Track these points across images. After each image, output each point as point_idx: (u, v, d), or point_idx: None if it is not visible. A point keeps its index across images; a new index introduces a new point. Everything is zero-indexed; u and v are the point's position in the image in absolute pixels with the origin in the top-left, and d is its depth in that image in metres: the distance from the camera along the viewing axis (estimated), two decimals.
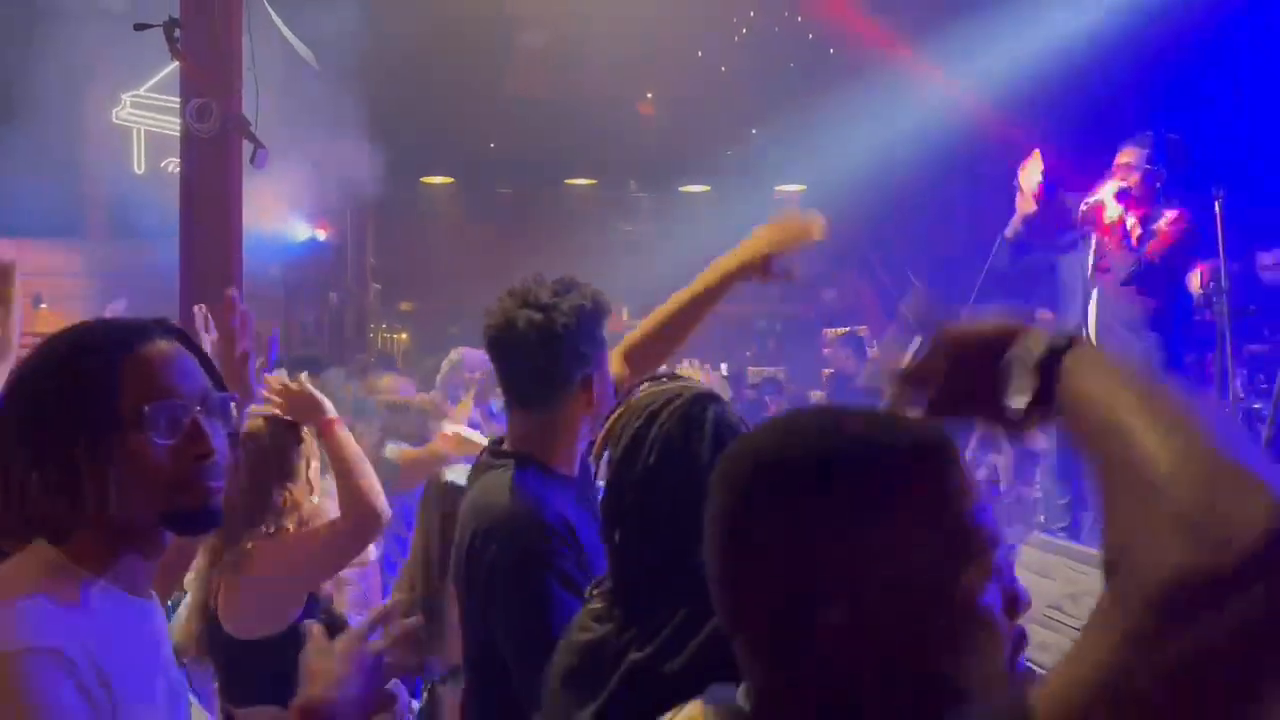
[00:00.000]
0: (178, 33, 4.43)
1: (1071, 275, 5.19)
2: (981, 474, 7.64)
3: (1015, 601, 0.82)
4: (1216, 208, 5.26)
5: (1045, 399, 0.82)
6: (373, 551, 2.90)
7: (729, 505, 0.85)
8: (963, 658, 0.79)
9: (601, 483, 1.47)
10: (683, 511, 1.33)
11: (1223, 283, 5.17)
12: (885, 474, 0.80)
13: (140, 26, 4.54)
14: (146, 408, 1.16)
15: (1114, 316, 4.86)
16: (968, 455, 0.88)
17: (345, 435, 2.26)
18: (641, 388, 1.47)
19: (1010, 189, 5.34)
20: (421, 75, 8.89)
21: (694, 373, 3.08)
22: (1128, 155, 4.89)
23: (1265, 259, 6.41)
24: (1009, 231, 5.29)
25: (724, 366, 7.64)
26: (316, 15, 7.77)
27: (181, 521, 1.22)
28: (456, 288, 10.07)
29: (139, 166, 9.49)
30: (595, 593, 1.44)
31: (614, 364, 1.99)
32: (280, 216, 9.45)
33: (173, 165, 9.43)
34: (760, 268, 2.09)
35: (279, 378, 2.26)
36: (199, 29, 4.56)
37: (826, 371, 7.20)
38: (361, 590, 3.07)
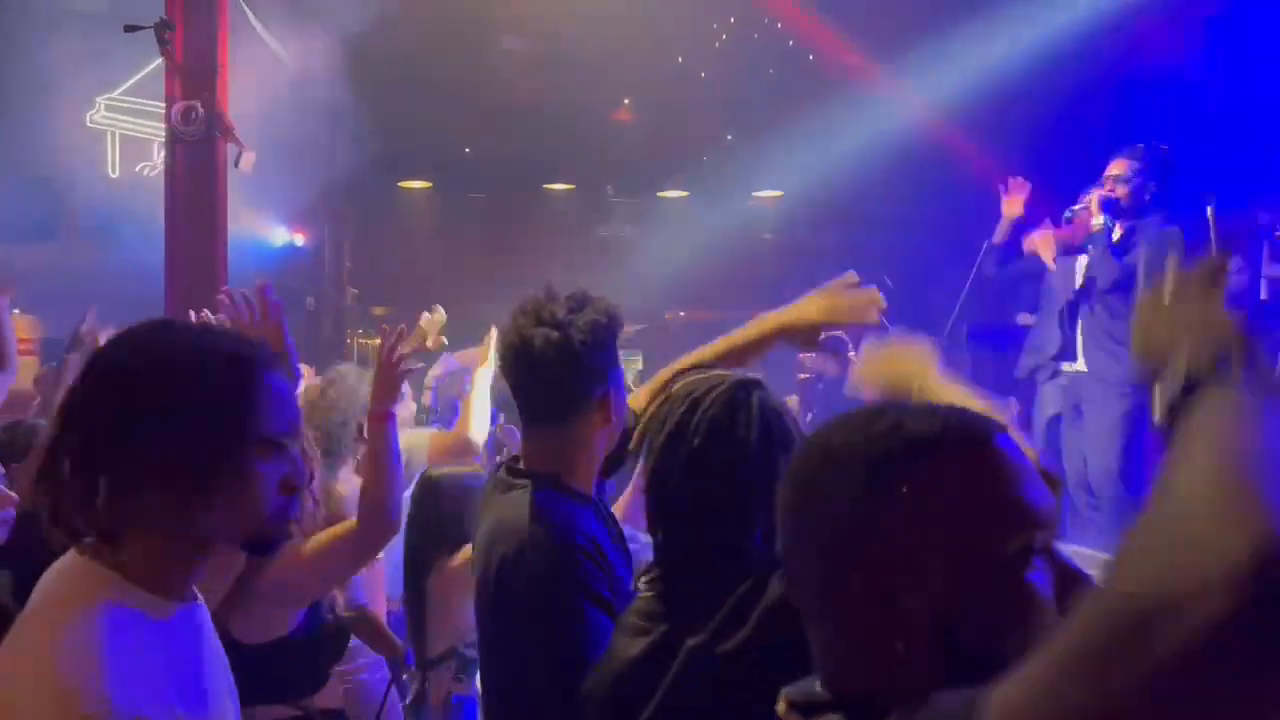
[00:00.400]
0: (168, 35, 4.43)
1: (1059, 282, 5.22)
2: None
3: (1069, 580, 0.85)
4: (1209, 215, 5.30)
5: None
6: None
7: (799, 501, 0.90)
8: (1005, 630, 0.81)
9: (638, 478, 1.47)
10: (730, 494, 1.39)
11: None
12: (922, 458, 0.85)
13: (131, 28, 4.53)
14: (272, 434, 1.16)
15: (1100, 325, 4.89)
16: None
17: (394, 431, 2.18)
18: (678, 381, 1.48)
19: (988, 196, 5.38)
20: (400, 80, 8.86)
21: None
22: (1118, 167, 4.94)
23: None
24: (996, 237, 5.33)
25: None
26: (295, 19, 7.74)
27: (259, 548, 1.21)
28: (434, 292, 10.00)
29: (113, 170, 9.42)
30: (642, 583, 1.44)
31: (643, 399, 1.95)
32: (258, 221, 9.40)
33: (149, 169, 9.38)
34: (807, 336, 2.07)
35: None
36: (183, 31, 4.56)
37: (802, 376, 7.23)
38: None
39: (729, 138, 10.46)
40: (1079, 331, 5.04)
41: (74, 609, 1.08)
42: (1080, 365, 5.05)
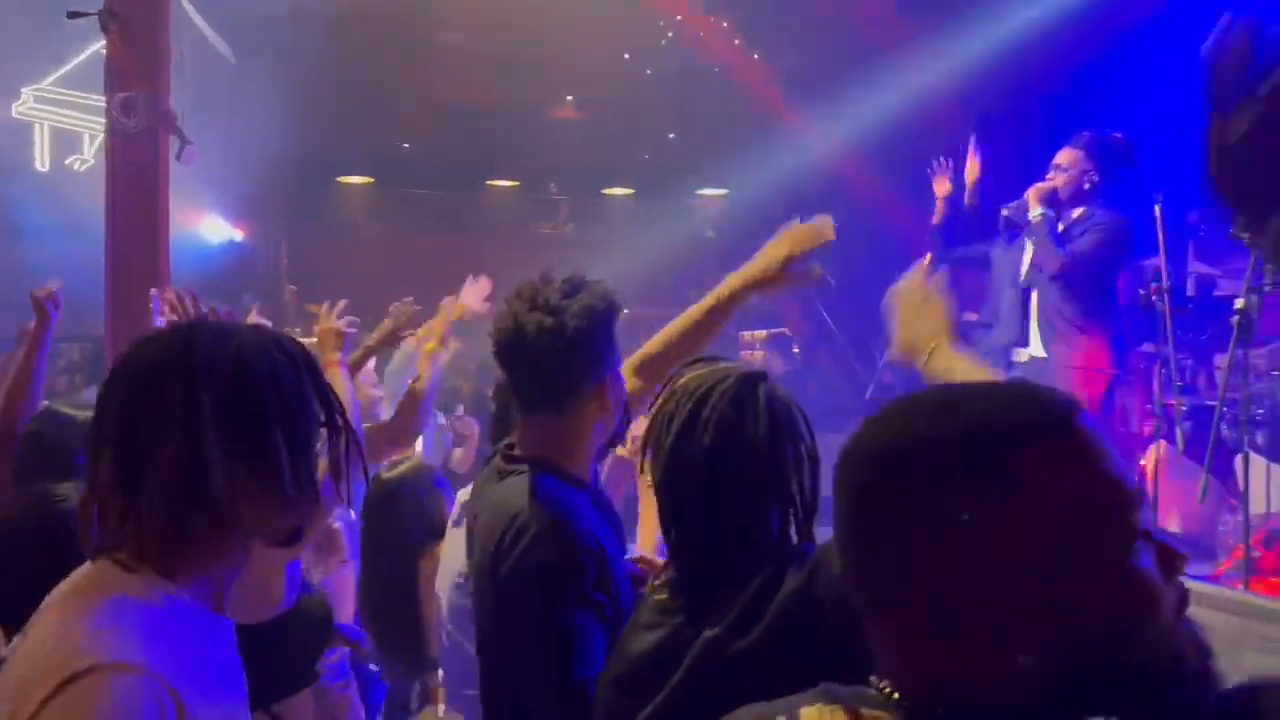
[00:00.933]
0: (111, 23, 4.31)
1: (1004, 271, 5.30)
2: None
3: (1172, 558, 0.81)
4: (1156, 211, 5.42)
5: None
6: (345, 549, 2.83)
7: (854, 501, 0.84)
8: (1123, 624, 0.77)
9: (645, 474, 1.46)
10: (743, 490, 1.39)
11: (1164, 282, 5.30)
12: (1014, 449, 0.78)
13: (74, 15, 4.40)
14: (329, 430, 1.18)
15: (1055, 311, 4.96)
16: None
17: (342, 378, 2.24)
18: (684, 373, 1.47)
19: (923, 185, 5.44)
20: (340, 74, 8.74)
21: None
22: (1064, 156, 5.02)
23: (1149, 264, 6.67)
24: (935, 218, 5.39)
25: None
26: (234, 9, 7.59)
27: (289, 540, 1.20)
28: (373, 289, 9.88)
29: (42, 164, 9.16)
30: (656, 584, 1.44)
31: (625, 376, 1.95)
32: (197, 217, 9.21)
33: (79, 163, 9.13)
34: (779, 275, 2.06)
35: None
36: (124, 20, 4.44)
37: None
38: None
39: (671, 136, 10.48)
40: (1031, 319, 5.10)
41: (101, 596, 1.06)
42: (1037, 351, 5.09)
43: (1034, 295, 5.06)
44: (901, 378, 7.59)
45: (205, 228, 9.81)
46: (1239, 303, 4.25)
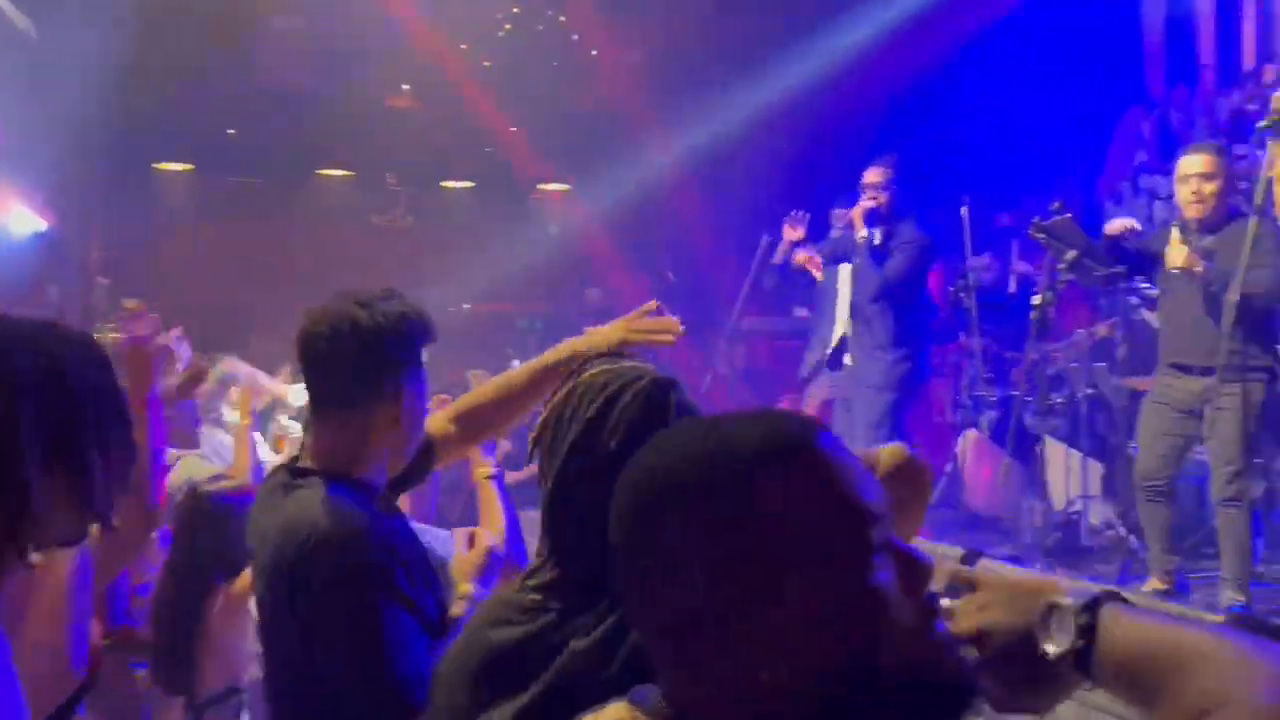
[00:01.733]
0: None
1: (828, 287, 5.57)
2: None
3: (914, 569, 0.83)
4: (963, 214, 5.74)
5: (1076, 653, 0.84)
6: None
7: (622, 522, 0.87)
8: (861, 640, 0.80)
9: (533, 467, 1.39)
10: None
11: (970, 281, 5.67)
12: (751, 473, 0.81)
13: None
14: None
15: (866, 331, 5.26)
16: None
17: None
18: (590, 368, 1.39)
19: (763, 198, 5.60)
20: (158, 54, 8.23)
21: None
22: (874, 175, 5.24)
23: (979, 261, 7.07)
24: (777, 257, 5.62)
25: (516, 364, 7.61)
26: None
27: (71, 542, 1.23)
28: (193, 283, 9.40)
29: None
30: (529, 584, 1.35)
31: (440, 421, 1.94)
32: None
33: None
34: (617, 342, 1.97)
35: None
36: None
37: None
38: None
39: (514, 130, 10.38)
40: (848, 335, 5.42)
41: None
42: (847, 361, 5.42)
43: (849, 312, 5.37)
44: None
45: (7, 217, 9.08)
46: (1036, 299, 4.57)
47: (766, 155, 8.00)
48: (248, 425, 3.45)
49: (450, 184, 11.90)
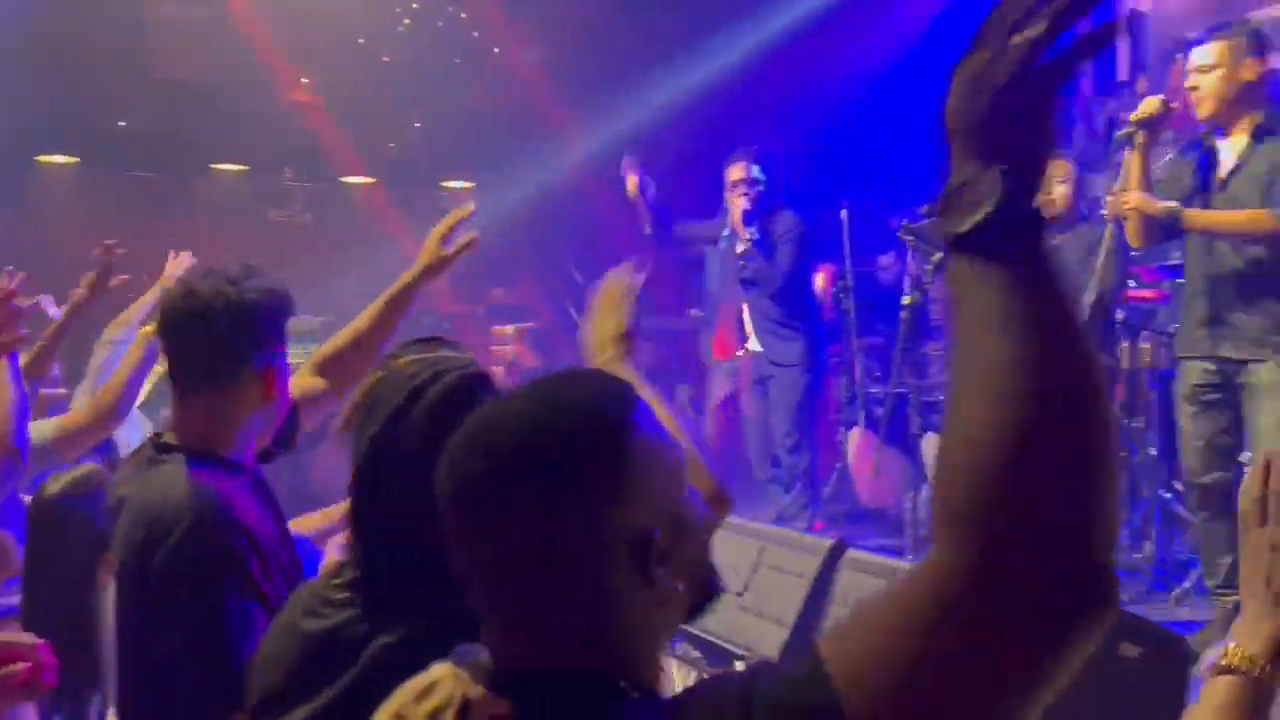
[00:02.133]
0: None
1: (714, 275, 5.67)
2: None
3: (691, 527, 0.93)
4: (843, 216, 5.89)
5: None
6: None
7: (456, 487, 0.94)
8: (663, 593, 0.90)
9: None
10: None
11: (848, 283, 5.84)
12: (557, 448, 0.89)
13: None
14: None
15: (766, 314, 5.36)
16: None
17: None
18: (403, 354, 1.38)
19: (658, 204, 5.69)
20: (40, 40, 7.88)
21: None
22: (738, 171, 5.34)
23: (883, 260, 7.26)
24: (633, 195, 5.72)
25: None
26: None
27: None
28: (79, 281, 9.01)
29: None
30: (335, 583, 1.34)
31: (303, 378, 1.98)
32: None
33: None
34: (437, 257, 2.24)
35: None
36: None
37: (499, 368, 7.25)
38: None
39: (417, 126, 10.24)
40: (746, 319, 5.50)
41: None
42: (754, 347, 5.49)
43: (744, 297, 5.49)
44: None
45: None
46: (905, 299, 4.75)
47: (671, 154, 8.06)
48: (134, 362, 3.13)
49: (350, 180, 11.68)
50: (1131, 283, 4.80)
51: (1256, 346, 3.57)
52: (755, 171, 5.28)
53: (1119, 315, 4.52)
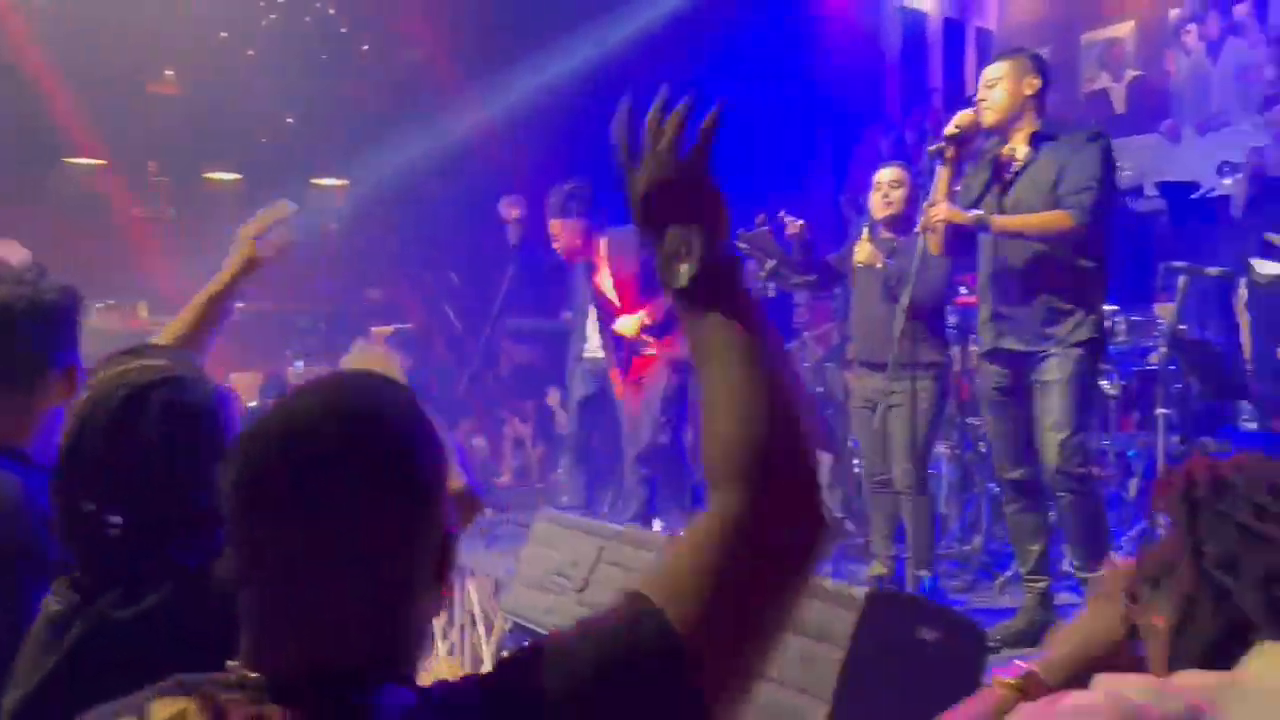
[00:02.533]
0: None
1: (579, 285, 5.75)
2: (515, 462, 7.99)
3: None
4: (759, 222, 5.96)
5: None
6: None
7: (242, 493, 0.93)
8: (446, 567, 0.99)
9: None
10: (161, 497, 1.35)
11: None
12: (335, 444, 0.92)
13: None
14: None
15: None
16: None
17: None
18: (111, 364, 1.40)
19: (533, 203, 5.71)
20: None
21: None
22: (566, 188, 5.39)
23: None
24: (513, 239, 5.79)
25: (300, 364, 7.35)
26: None
27: None
28: None
29: None
30: (66, 581, 1.38)
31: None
32: None
33: None
34: (253, 253, 2.27)
35: None
36: None
37: None
38: None
39: (288, 121, 9.99)
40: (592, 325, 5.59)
41: None
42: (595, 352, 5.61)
43: (601, 303, 5.54)
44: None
45: None
46: None
47: (544, 152, 8.10)
48: None
49: (215, 175, 11.31)
50: (963, 289, 5.07)
51: (1037, 339, 3.79)
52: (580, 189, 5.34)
53: (951, 320, 4.78)
